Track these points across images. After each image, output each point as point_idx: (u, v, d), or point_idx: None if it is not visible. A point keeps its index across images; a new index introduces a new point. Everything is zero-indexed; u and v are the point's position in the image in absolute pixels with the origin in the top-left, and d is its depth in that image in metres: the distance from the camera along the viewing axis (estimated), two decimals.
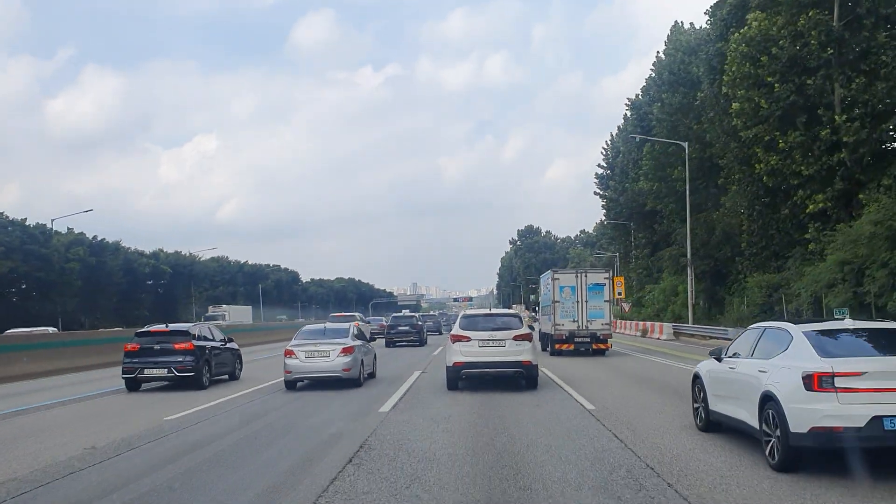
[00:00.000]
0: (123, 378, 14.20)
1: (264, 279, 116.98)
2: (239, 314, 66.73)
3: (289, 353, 13.91)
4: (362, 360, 14.55)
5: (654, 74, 45.17)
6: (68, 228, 65.42)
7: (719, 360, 7.67)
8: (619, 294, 51.55)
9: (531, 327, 14.81)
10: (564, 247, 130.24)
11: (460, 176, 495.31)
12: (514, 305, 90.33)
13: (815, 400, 5.70)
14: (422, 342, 29.99)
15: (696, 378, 8.24)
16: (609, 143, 61.58)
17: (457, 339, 12.59)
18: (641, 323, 37.20)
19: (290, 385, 13.96)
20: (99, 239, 67.26)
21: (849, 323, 6.52)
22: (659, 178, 39.94)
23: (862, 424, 5.53)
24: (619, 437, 7.60)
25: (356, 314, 44.84)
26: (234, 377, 16.24)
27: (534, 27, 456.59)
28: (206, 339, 15.10)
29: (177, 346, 14.15)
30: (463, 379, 12.70)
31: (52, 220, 57.99)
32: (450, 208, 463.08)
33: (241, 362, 16.86)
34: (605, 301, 20.84)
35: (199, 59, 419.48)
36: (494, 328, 12.66)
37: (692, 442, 7.43)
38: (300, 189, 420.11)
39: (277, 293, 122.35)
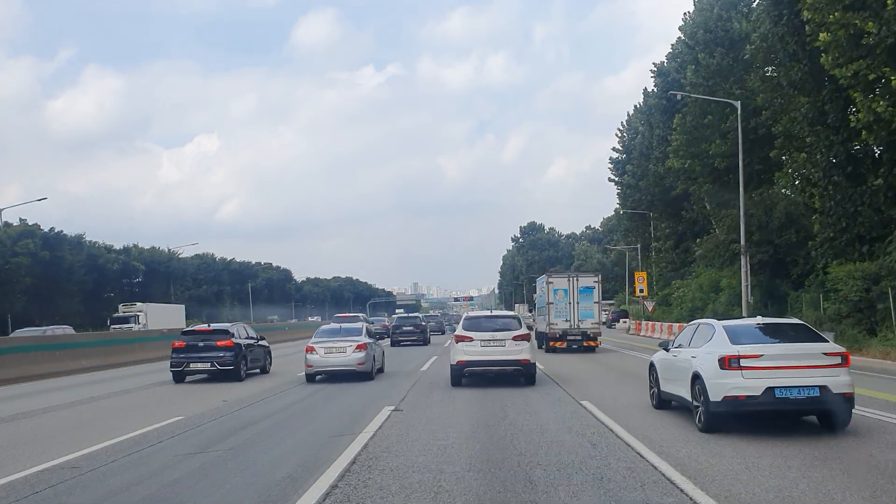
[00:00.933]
0: (171, 371, 18.30)
1: (253, 277, 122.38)
2: (161, 315, 57.38)
3: (310, 350, 17.56)
4: (374, 356, 18.36)
5: (682, 37, 44.94)
6: (20, 219, 67.33)
7: (667, 350, 10.75)
8: (641, 292, 49.62)
9: (529, 327, 18.26)
10: (569, 243, 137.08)
11: (461, 175, 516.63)
12: (516, 305, 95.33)
13: (727, 376, 8.70)
14: (425, 341, 35.07)
15: (652, 366, 11.35)
16: (625, 123, 62.14)
17: (460, 339, 15.37)
18: (677, 325, 34.06)
19: (311, 378, 17.57)
20: (57, 231, 68.32)
21: (759, 319, 9.60)
22: (692, 154, 39.15)
23: (759, 393, 8.54)
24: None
25: (360, 315, 50.03)
26: (264, 371, 20.55)
27: (535, 26, 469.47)
28: (243, 337, 19.31)
29: (219, 343, 18.23)
30: (466, 376, 15.57)
31: (1, 210, 55.89)
32: (450, 208, 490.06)
33: (270, 357, 21.29)
34: (595, 302, 25.36)
35: (200, 59, 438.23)
36: (495, 329, 15.43)
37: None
38: (301, 189, 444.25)
39: (269, 292, 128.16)
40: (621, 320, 54.36)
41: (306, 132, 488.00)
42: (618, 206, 66.88)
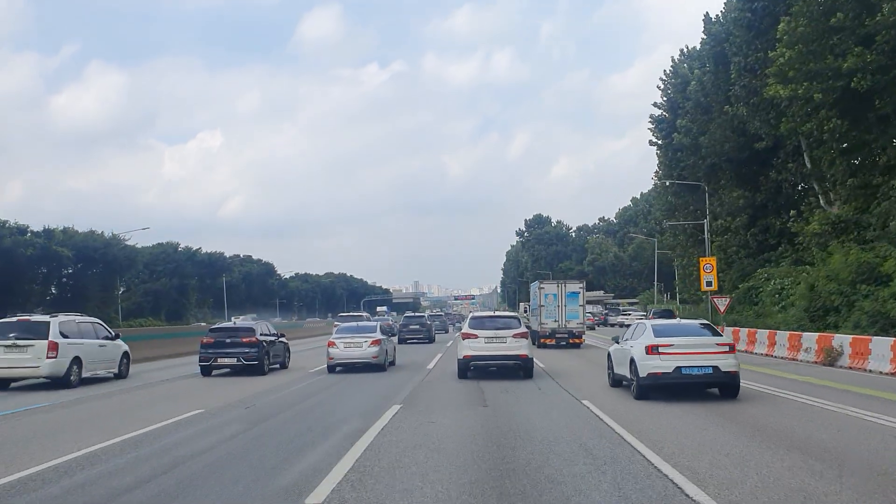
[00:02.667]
0: (200, 365, 20.14)
1: (226, 271, 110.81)
2: None
3: (331, 344, 20.64)
4: (386, 351, 21.47)
5: None
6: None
7: (618, 343, 15.02)
8: (709, 285, 33.98)
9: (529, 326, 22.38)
10: (581, 236, 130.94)
11: (464, 173, 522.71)
12: (520, 304, 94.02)
13: (650, 359, 12.82)
14: (430, 339, 38.98)
15: (609, 356, 15.58)
16: (669, 72, 49.83)
17: (466, 336, 17.73)
18: (786, 335, 23.56)
19: (331, 369, 20.53)
20: None
21: (677, 320, 13.94)
22: (808, 75, 27.43)
23: (671, 370, 12.65)
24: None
25: (364, 314, 54.16)
26: (284, 366, 22.34)
27: (540, 23, 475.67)
28: (266, 333, 21.19)
29: (244, 339, 19.96)
30: (471, 369, 17.93)
31: None
32: (453, 206, 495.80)
33: (289, 353, 23.25)
34: (580, 305, 30.26)
35: (203, 56, 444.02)
36: (497, 328, 17.71)
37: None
38: (303, 187, 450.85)
39: (247, 288, 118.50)
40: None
41: (309, 130, 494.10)
42: (656, 177, 53.91)
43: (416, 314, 49.73)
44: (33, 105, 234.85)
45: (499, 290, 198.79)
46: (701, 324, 14.59)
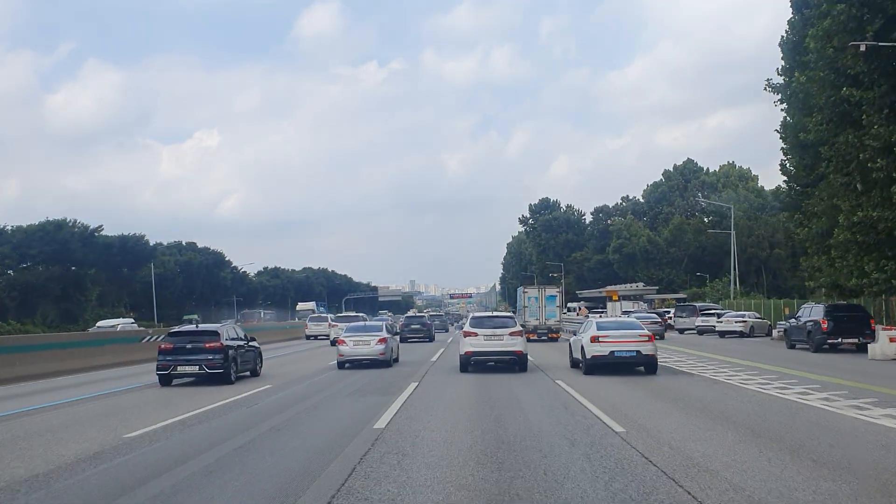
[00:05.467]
0: (158, 374, 17.83)
1: (148, 259, 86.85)
2: None
3: (341, 342, 22.15)
4: (392, 348, 23.16)
5: None
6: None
7: (575, 335, 20.74)
8: None
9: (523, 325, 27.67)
10: (601, 219, 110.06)
11: (463, 172, 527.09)
12: (506, 306, 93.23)
13: (593, 345, 18.44)
14: (430, 338, 42.03)
15: (569, 344, 21.30)
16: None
17: (467, 334, 20.05)
18: None
19: (341, 365, 21.92)
20: None
21: (614, 317, 19.66)
22: None
23: (607, 353, 18.27)
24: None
25: (361, 314, 57.25)
26: (255, 374, 20.16)
27: (541, 19, 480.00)
28: (232, 338, 18.90)
29: (207, 344, 17.77)
30: (472, 364, 20.07)
31: None
32: (451, 205, 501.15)
33: (261, 360, 21.04)
34: (557, 306, 36.50)
35: (201, 54, 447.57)
36: (495, 326, 20.00)
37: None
38: (301, 185, 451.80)
39: (187, 282, 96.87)
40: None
41: (307, 127, 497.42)
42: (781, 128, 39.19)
43: (417, 314, 54.88)
44: (29, 103, 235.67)
45: (498, 289, 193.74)
46: (631, 321, 20.27)
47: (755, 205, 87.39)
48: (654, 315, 44.04)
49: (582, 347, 19.13)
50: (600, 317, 34.05)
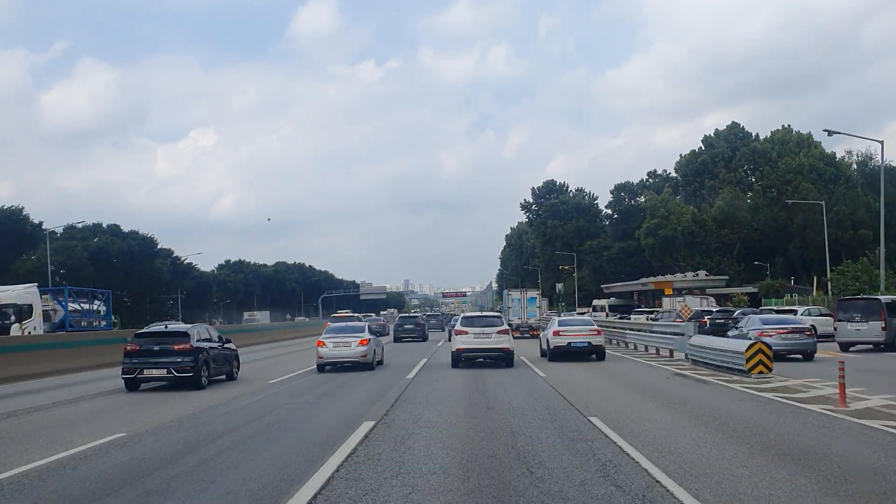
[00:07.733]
0: (123, 378, 16.69)
1: (36, 244, 70.30)
2: None
3: (320, 344, 20.99)
4: (375, 350, 22.25)
5: None
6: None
7: (544, 330, 26.45)
8: None
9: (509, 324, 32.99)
10: (622, 199, 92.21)
11: (459, 171, 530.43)
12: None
13: (555, 337, 23.96)
14: (424, 338, 43.25)
15: (539, 339, 27.13)
16: None
17: (458, 332, 21.86)
18: None
19: (321, 368, 20.88)
20: None
21: (571, 316, 25.46)
22: None
23: (564, 344, 23.77)
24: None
25: (357, 314, 60.90)
26: (231, 377, 19.03)
27: (539, 17, 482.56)
28: (204, 339, 17.74)
29: (176, 346, 16.65)
30: (462, 360, 21.73)
31: None
32: (446, 204, 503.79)
33: (238, 363, 19.85)
34: (537, 307, 42.38)
35: (196, 53, 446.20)
36: (484, 325, 21.84)
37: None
38: (297, 184, 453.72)
39: (101, 272, 75.55)
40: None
41: (303, 127, 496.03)
42: None
43: (411, 315, 56.05)
44: (23, 102, 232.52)
45: (494, 287, 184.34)
46: (584, 319, 26.12)
47: (825, 175, 71.55)
48: (797, 321, 25.83)
49: (548, 339, 24.69)
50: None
